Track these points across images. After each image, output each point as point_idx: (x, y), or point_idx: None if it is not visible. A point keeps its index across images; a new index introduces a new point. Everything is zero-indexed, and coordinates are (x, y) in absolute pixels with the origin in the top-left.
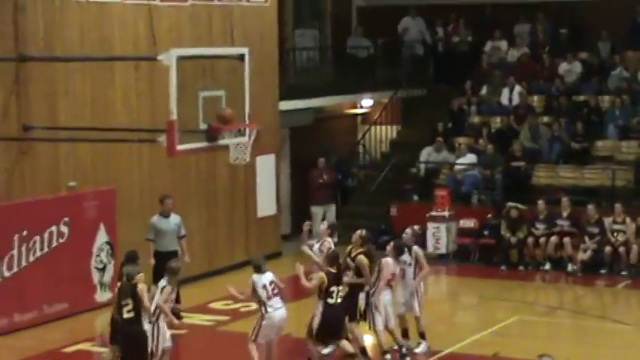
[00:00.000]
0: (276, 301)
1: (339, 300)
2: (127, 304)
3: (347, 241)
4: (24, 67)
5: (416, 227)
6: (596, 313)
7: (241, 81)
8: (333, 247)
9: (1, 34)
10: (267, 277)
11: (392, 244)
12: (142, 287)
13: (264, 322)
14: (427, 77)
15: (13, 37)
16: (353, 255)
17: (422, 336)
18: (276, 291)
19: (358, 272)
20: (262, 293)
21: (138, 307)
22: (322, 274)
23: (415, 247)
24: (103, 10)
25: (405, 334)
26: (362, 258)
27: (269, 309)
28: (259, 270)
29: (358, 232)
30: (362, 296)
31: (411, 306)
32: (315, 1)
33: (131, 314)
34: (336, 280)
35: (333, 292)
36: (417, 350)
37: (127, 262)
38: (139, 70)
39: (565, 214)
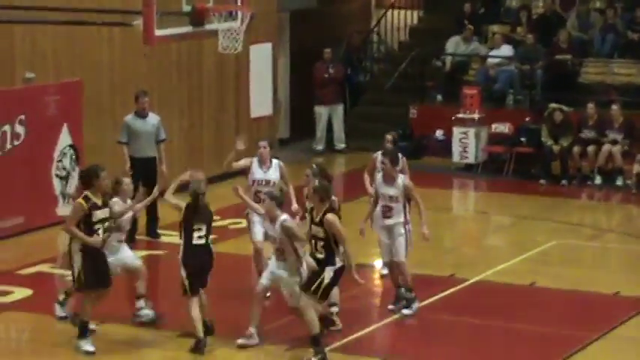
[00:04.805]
0: None
1: None
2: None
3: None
4: None
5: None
6: None
7: None
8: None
9: None
10: None
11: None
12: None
13: None
14: None
15: None
16: (317, 218)
17: (409, 290)
18: None
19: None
20: None
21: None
22: None
23: (402, 177)
24: None
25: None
26: (330, 217)
27: None
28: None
29: (308, 170)
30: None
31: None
32: None
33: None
34: None
35: None
36: (405, 312)
37: None
38: None
39: (616, 124)
